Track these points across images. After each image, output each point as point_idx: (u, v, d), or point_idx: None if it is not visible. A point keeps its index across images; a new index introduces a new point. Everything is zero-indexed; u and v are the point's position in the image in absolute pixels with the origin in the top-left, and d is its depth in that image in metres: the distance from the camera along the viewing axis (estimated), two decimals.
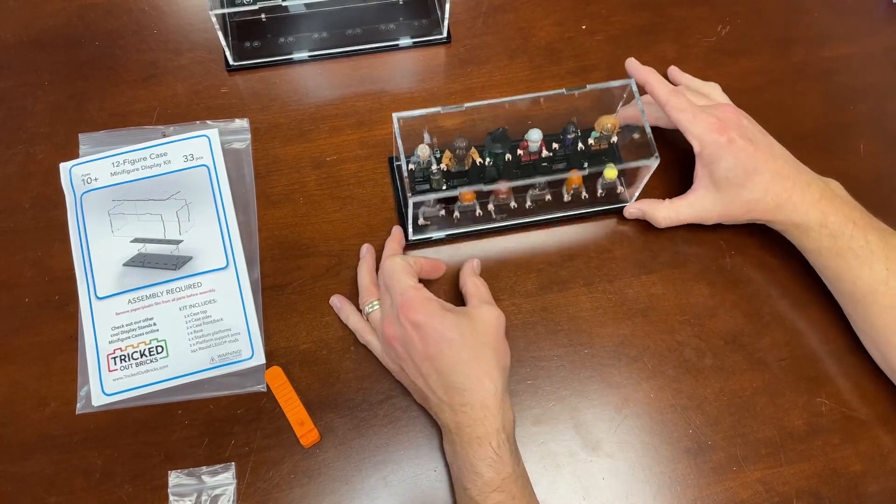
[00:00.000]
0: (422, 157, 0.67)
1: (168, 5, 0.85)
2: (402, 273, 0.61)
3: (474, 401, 0.57)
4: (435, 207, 0.70)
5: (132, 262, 0.69)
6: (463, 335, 0.58)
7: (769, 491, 0.62)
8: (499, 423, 0.56)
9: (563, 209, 0.72)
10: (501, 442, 0.56)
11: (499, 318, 0.61)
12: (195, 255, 0.69)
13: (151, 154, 0.73)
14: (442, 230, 0.71)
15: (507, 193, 0.70)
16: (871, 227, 0.64)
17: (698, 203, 0.69)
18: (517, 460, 0.57)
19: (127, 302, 0.67)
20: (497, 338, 0.60)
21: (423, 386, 0.59)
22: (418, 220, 0.70)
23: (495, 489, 0.55)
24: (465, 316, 0.60)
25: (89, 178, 0.72)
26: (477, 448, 0.56)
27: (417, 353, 0.58)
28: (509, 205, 0.71)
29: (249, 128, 0.77)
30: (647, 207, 0.71)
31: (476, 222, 0.71)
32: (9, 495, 0.61)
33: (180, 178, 0.73)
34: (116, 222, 0.71)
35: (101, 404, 0.64)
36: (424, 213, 0.70)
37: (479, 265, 0.69)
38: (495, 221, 0.72)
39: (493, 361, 0.58)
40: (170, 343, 0.66)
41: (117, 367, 0.65)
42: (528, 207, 0.72)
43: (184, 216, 0.71)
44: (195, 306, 0.67)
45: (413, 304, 0.59)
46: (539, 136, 0.68)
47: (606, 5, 0.86)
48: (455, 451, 0.58)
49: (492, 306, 0.62)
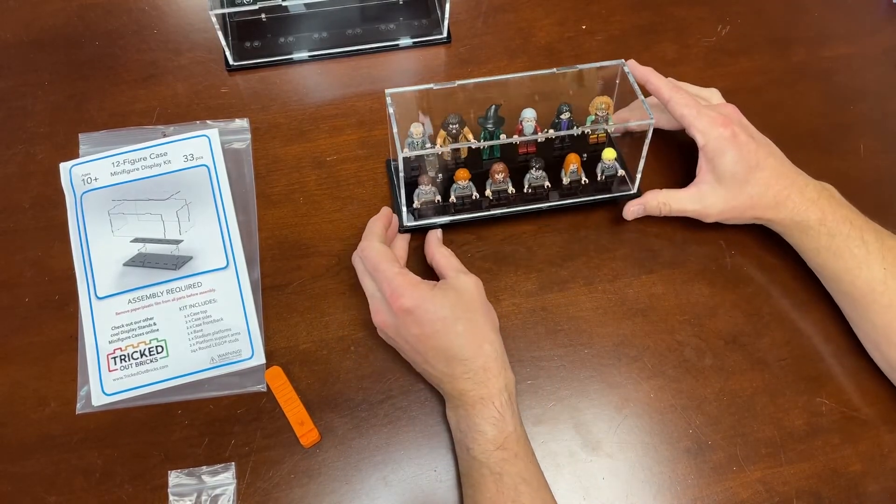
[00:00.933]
0: (415, 135, 0.67)
1: (168, 5, 0.85)
2: (384, 261, 0.62)
3: (476, 366, 0.59)
4: (430, 192, 0.69)
5: (132, 262, 0.69)
6: (454, 309, 0.59)
7: (769, 491, 0.62)
8: (501, 382, 0.59)
9: (562, 197, 0.72)
10: (504, 402, 0.58)
11: (477, 283, 0.62)
12: (195, 255, 0.69)
13: (151, 154, 0.74)
14: (438, 217, 0.71)
15: (503, 174, 0.70)
16: (867, 228, 0.65)
17: (700, 196, 0.68)
18: (518, 420, 0.59)
19: (127, 302, 0.67)
20: (483, 302, 0.62)
21: (422, 363, 0.61)
22: (413, 204, 0.70)
23: (499, 447, 0.57)
24: (450, 290, 0.61)
25: (89, 177, 0.72)
26: (481, 408, 0.58)
27: (413, 337, 0.60)
28: (507, 190, 0.71)
29: (249, 128, 0.77)
30: (644, 199, 0.70)
31: (473, 210, 0.71)
32: (9, 495, 0.61)
33: (180, 177, 0.73)
34: (116, 222, 0.71)
35: (101, 404, 0.64)
36: (420, 197, 0.69)
37: (441, 234, 0.69)
38: (493, 209, 0.71)
39: (487, 325, 0.60)
40: (170, 343, 0.66)
41: (117, 366, 0.65)
42: (526, 192, 0.71)
43: (184, 216, 0.71)
44: (195, 306, 0.67)
45: (401, 290, 0.59)
46: (533, 114, 0.69)
47: (606, 5, 0.86)
48: (458, 416, 0.59)
49: (468, 274, 0.63)
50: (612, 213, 0.74)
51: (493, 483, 0.56)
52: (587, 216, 0.74)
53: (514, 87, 0.70)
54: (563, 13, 0.86)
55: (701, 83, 0.73)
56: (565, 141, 0.73)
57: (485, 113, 0.70)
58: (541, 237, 0.73)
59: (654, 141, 0.69)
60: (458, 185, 0.69)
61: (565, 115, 0.70)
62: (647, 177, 0.72)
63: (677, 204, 0.69)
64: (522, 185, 0.71)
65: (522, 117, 0.70)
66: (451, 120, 0.68)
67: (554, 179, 0.71)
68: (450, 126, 0.68)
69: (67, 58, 0.81)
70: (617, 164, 0.71)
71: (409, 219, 0.69)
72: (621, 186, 0.72)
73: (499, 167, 0.69)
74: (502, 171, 0.69)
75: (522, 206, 0.71)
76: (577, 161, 0.70)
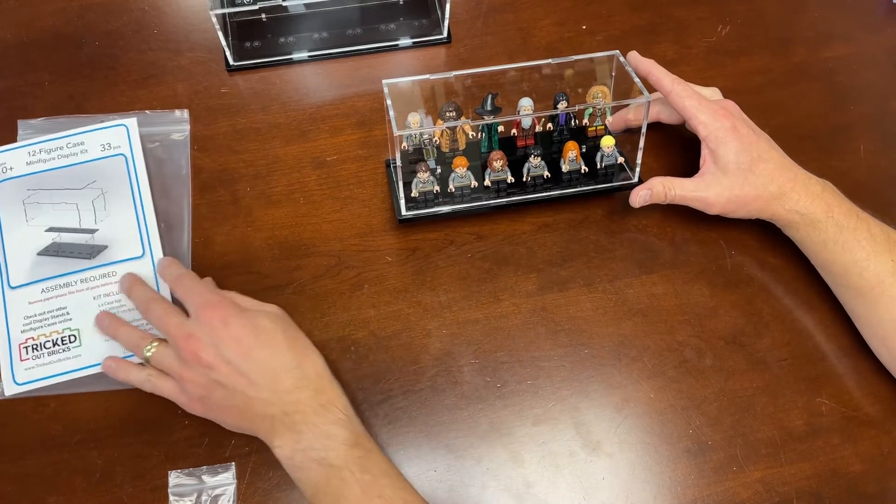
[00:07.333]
0: (413, 124, 0.68)
1: (168, 5, 0.85)
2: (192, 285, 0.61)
3: (309, 372, 0.58)
4: (429, 182, 0.69)
5: (46, 252, 0.69)
6: (273, 322, 0.59)
7: (769, 491, 0.62)
8: (338, 389, 0.58)
9: (562, 186, 0.72)
10: (346, 404, 0.58)
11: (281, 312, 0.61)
12: (110, 245, 0.69)
13: (68, 143, 0.73)
14: (437, 207, 0.70)
15: (502, 161, 0.70)
16: (872, 221, 0.65)
17: (704, 184, 0.68)
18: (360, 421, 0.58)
19: (40, 291, 0.67)
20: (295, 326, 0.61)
21: (243, 391, 0.56)
22: (412, 192, 0.70)
23: (353, 445, 0.55)
24: (259, 312, 0.60)
25: (5, 167, 0.72)
26: (325, 413, 0.56)
27: (232, 352, 0.56)
28: (506, 179, 0.71)
29: (189, 119, 0.77)
30: (650, 183, 0.69)
31: (473, 200, 0.71)
32: (9, 495, 0.61)
33: (97, 167, 0.72)
34: (31, 211, 0.70)
35: (13, 393, 0.64)
36: (418, 187, 0.69)
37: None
38: (492, 199, 0.71)
39: (306, 340, 0.60)
40: (83, 332, 0.66)
41: (29, 356, 0.65)
42: (525, 181, 0.71)
43: (100, 205, 0.71)
44: (110, 295, 0.67)
45: (216, 303, 0.59)
46: (530, 102, 0.70)
47: (606, 5, 0.86)
48: (300, 434, 0.56)
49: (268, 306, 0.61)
50: (612, 208, 0.74)
51: (356, 484, 0.54)
52: (587, 212, 0.74)
53: (511, 80, 0.70)
54: (563, 13, 0.86)
55: (701, 83, 0.73)
56: (564, 132, 0.73)
57: (482, 103, 0.70)
58: (541, 237, 0.73)
59: (654, 136, 0.69)
60: (457, 173, 0.69)
61: (562, 105, 0.70)
62: (648, 173, 0.72)
63: (681, 190, 0.68)
64: (522, 175, 0.71)
65: (520, 106, 0.70)
66: (448, 108, 0.68)
67: (553, 172, 0.72)
68: (446, 114, 0.69)
69: (67, 58, 0.81)
70: (616, 153, 0.71)
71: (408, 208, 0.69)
72: (622, 175, 0.72)
73: (497, 155, 0.69)
74: (500, 159, 0.69)
75: (522, 196, 0.71)
76: (576, 148, 0.70)
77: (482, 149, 0.73)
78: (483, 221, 0.73)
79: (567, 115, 0.71)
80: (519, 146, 0.73)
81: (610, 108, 0.72)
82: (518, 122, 0.71)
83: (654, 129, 0.74)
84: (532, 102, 0.70)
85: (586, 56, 0.70)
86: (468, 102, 0.71)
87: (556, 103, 0.71)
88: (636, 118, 0.71)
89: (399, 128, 0.65)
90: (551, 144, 0.74)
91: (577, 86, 0.72)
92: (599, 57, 0.70)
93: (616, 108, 0.72)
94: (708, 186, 0.68)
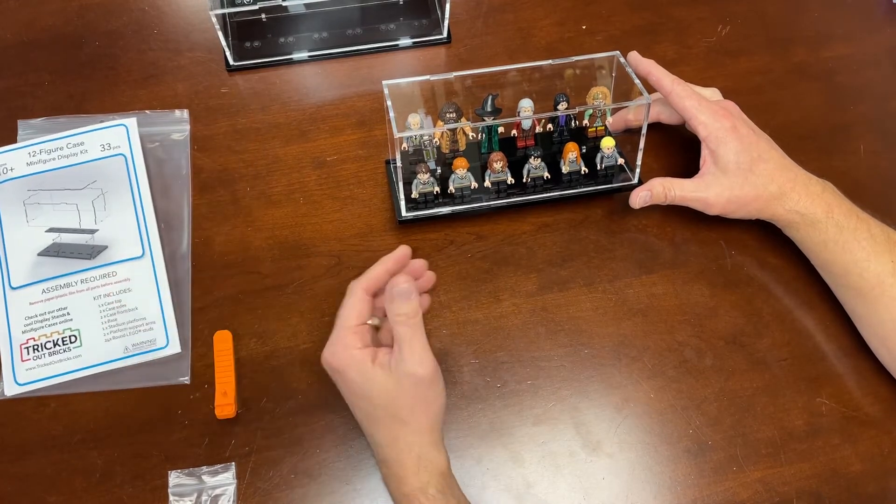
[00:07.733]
0: (413, 125, 0.68)
1: (168, 5, 0.85)
2: (348, 307, 0.57)
3: (390, 458, 0.55)
4: (430, 183, 0.69)
5: (47, 252, 0.69)
6: (381, 394, 0.54)
7: (769, 491, 0.62)
8: (421, 481, 0.54)
9: (563, 188, 0.72)
10: (429, 497, 0.54)
11: (431, 372, 0.55)
12: (110, 245, 0.69)
13: (68, 144, 0.73)
14: (437, 208, 0.70)
15: (502, 162, 0.70)
16: (872, 221, 0.65)
17: (704, 184, 0.68)
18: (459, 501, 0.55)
19: (41, 292, 0.67)
20: (423, 396, 0.55)
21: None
22: (412, 193, 0.70)
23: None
24: (389, 375, 0.54)
25: (6, 168, 0.72)
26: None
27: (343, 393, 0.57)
28: (506, 180, 0.71)
29: (189, 119, 0.76)
30: (650, 184, 0.69)
31: (473, 201, 0.71)
32: (9, 495, 0.61)
33: (97, 167, 0.73)
34: (32, 212, 0.70)
35: (14, 394, 0.64)
36: (418, 188, 0.69)
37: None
38: (492, 200, 0.71)
39: (414, 420, 0.55)
40: (83, 332, 0.66)
41: (30, 356, 0.65)
42: (525, 183, 0.71)
43: (100, 206, 0.71)
44: (109, 295, 0.67)
45: (333, 348, 0.56)
46: (530, 103, 0.70)
47: (606, 5, 0.86)
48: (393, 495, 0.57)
49: (424, 358, 0.54)
50: (612, 208, 0.74)
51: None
52: (588, 212, 0.74)
53: (511, 80, 0.70)
54: (563, 13, 0.86)
55: (701, 83, 0.73)
56: (564, 133, 0.74)
57: (482, 104, 0.70)
58: (541, 237, 0.73)
59: (654, 137, 0.69)
60: (457, 174, 0.69)
61: (562, 106, 0.70)
62: (648, 174, 0.72)
63: (681, 191, 0.68)
64: (522, 176, 0.71)
65: (520, 107, 0.70)
66: (448, 108, 0.68)
67: (554, 173, 0.72)
68: (446, 114, 0.69)
69: (67, 58, 0.81)
70: (616, 154, 0.71)
71: (409, 209, 0.69)
72: (622, 176, 0.73)
73: (497, 156, 0.69)
74: (501, 160, 0.69)
75: (522, 197, 0.71)
76: (576, 149, 0.70)
77: (482, 150, 0.73)
78: (483, 221, 0.73)
79: (567, 116, 0.71)
80: (519, 147, 0.73)
81: (610, 110, 0.72)
82: (518, 123, 0.71)
83: (654, 130, 0.74)
84: (532, 103, 0.70)
85: (586, 57, 0.70)
86: (468, 103, 0.71)
87: (557, 104, 0.71)
88: (636, 119, 0.71)
89: (399, 129, 0.65)
90: (551, 145, 0.74)
91: (577, 86, 0.72)
92: (600, 58, 0.70)
93: (616, 109, 0.72)
94: (708, 187, 0.68)
